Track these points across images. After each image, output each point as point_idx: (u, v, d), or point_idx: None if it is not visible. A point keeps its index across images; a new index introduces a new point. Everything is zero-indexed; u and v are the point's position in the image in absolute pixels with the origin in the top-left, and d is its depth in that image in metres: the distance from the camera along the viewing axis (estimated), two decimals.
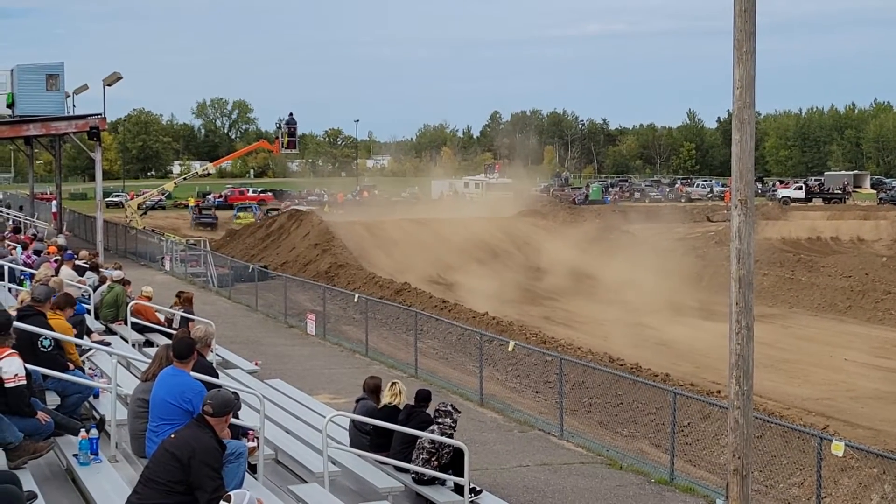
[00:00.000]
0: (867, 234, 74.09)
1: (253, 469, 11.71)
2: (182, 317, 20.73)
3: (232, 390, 11.53)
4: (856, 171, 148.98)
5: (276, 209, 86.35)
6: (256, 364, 21.16)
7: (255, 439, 11.90)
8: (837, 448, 14.84)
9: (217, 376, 13.14)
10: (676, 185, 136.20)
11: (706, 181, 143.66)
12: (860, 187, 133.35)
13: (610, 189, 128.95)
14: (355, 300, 34.32)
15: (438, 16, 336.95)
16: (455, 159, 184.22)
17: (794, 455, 18.37)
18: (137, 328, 20.67)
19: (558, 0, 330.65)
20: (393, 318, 34.03)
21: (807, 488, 17.07)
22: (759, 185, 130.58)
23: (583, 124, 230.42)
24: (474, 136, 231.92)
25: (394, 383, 14.89)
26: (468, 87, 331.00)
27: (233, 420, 11.31)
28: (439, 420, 13.72)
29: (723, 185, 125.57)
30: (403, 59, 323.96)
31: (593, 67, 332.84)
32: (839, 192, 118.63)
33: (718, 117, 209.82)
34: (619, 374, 24.23)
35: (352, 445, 14.35)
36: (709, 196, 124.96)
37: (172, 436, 9.39)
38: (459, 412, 14.31)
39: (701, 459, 20.36)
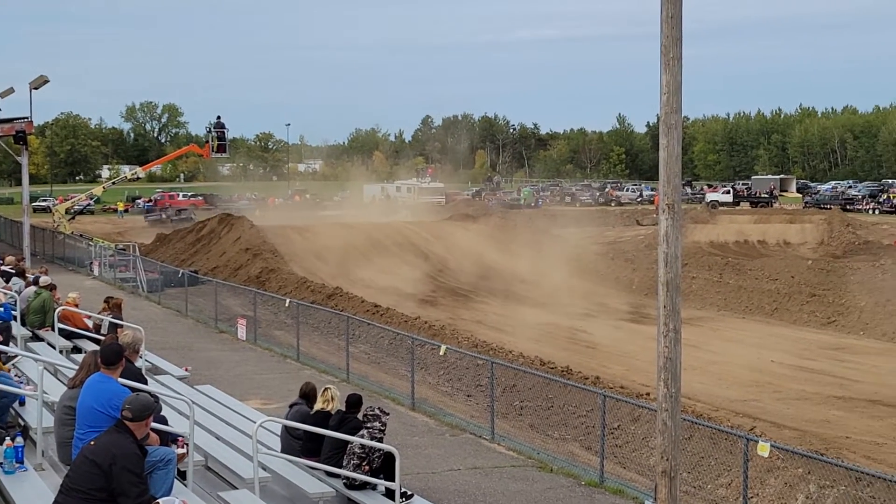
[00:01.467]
0: (793, 237, 74.99)
1: (182, 475, 11.63)
2: (111, 322, 20.52)
3: (152, 394, 11.45)
4: (782, 176, 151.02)
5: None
6: (186, 370, 20.98)
7: (185, 445, 11.81)
8: (763, 449, 15.04)
9: (146, 382, 13.04)
10: (607, 190, 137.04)
11: (636, 185, 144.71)
12: (786, 191, 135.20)
13: (541, 193, 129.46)
14: (286, 305, 34.16)
15: (370, 20, 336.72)
16: (387, 163, 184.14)
17: (722, 456, 18.57)
18: (65, 334, 20.42)
19: (490, 6, 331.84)
20: (325, 322, 33.92)
21: (734, 489, 17.27)
22: (688, 190, 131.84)
23: (514, 128, 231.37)
24: (406, 141, 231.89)
25: (326, 389, 14.85)
26: (400, 91, 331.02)
27: (162, 426, 11.24)
28: (368, 424, 13.72)
29: (652, 189, 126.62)
30: (335, 62, 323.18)
31: (525, 72, 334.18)
32: (766, 196, 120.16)
33: (648, 122, 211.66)
34: (550, 377, 24.33)
35: (283, 451, 14.30)
36: (638, 200, 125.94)
37: (92, 442, 9.26)
38: (388, 415, 14.30)
39: (631, 461, 20.51)
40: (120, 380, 10.90)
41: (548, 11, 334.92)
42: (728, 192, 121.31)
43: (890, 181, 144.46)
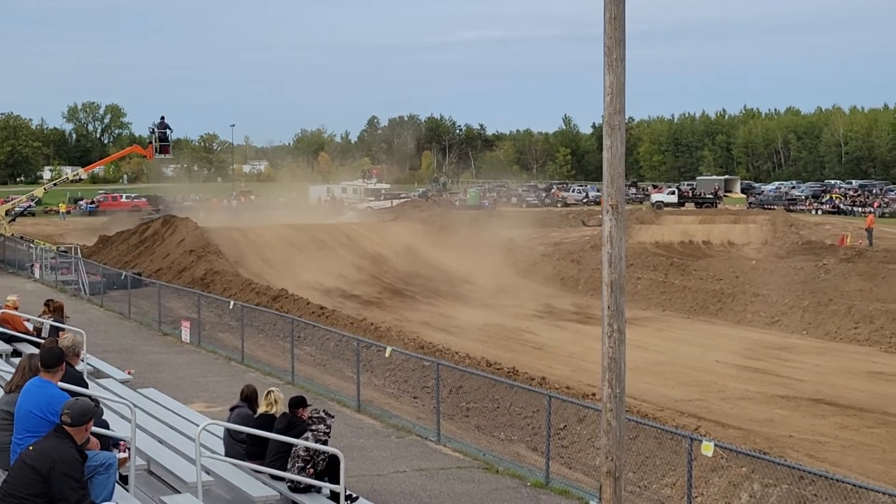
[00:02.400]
0: (737, 237, 75.67)
1: (124, 480, 11.49)
2: (52, 326, 20.26)
3: (93, 398, 11.30)
4: (727, 176, 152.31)
5: None
6: (129, 373, 20.75)
7: (126, 450, 11.67)
8: (707, 448, 15.12)
9: (87, 386, 12.88)
10: (553, 190, 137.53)
11: (582, 186, 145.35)
12: (731, 192, 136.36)
13: (488, 194, 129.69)
14: (231, 307, 33.98)
15: (315, 21, 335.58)
16: (333, 164, 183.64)
17: (667, 456, 18.65)
18: (4, 338, 20.14)
19: (436, 7, 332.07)
20: (270, 324, 33.76)
21: (679, 488, 17.34)
22: (633, 190, 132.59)
23: (460, 129, 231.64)
24: (352, 141, 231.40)
25: (269, 391, 14.76)
26: (346, 92, 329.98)
27: (102, 430, 11.09)
28: (313, 427, 13.64)
29: (598, 190, 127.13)
30: (280, 63, 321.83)
31: (471, 73, 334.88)
32: (711, 196, 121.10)
33: (593, 123, 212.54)
34: (496, 378, 24.34)
35: (227, 454, 14.18)
36: (584, 201, 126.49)
37: (30, 447, 9.14)
38: (333, 417, 14.23)
39: (577, 462, 20.55)
40: (60, 384, 10.74)
41: (493, 12, 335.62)
42: (673, 193, 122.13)
43: (832, 182, 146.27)
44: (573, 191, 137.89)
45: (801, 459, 20.01)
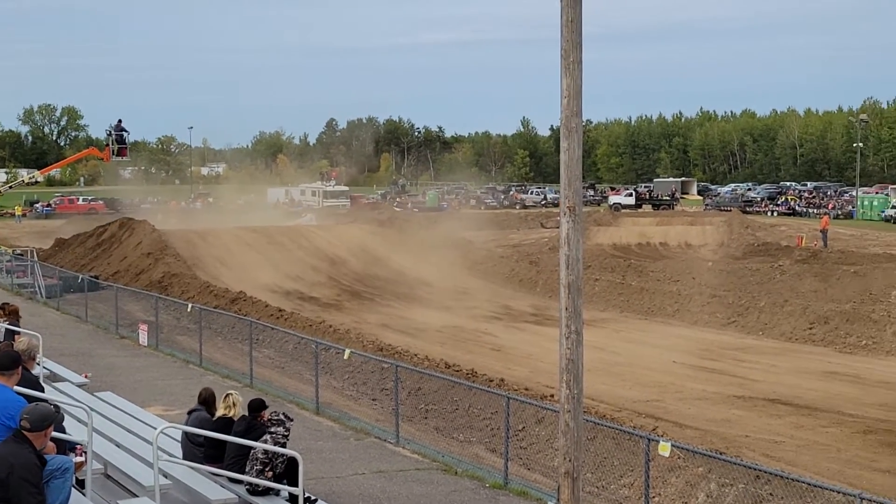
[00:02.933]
0: (694, 239, 76.09)
1: (81, 484, 11.44)
2: (7, 330, 20.09)
3: (53, 403, 11.24)
4: (683, 178, 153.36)
5: None
6: (86, 377, 20.67)
7: (83, 454, 11.61)
8: (664, 449, 15.22)
9: (43, 390, 12.79)
10: (511, 193, 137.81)
11: (540, 188, 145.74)
12: (687, 194, 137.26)
13: (446, 196, 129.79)
14: (189, 310, 33.84)
15: (273, 23, 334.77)
16: (291, 167, 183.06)
17: (625, 456, 18.73)
18: None
19: (396, 9, 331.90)
20: (228, 327, 33.65)
21: (637, 488, 17.43)
22: (591, 192, 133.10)
23: (419, 132, 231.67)
24: (311, 144, 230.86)
25: (228, 395, 14.73)
26: (304, 94, 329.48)
27: (59, 434, 11.02)
28: (272, 430, 13.63)
29: (556, 192, 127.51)
30: (238, 65, 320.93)
31: (430, 76, 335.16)
32: (668, 198, 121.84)
33: (551, 125, 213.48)
34: (454, 380, 24.37)
35: (185, 458, 14.13)
36: (543, 203, 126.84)
37: None
38: (292, 420, 14.22)
39: (535, 463, 20.60)
40: (16, 388, 10.68)
41: (453, 14, 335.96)
42: (630, 195, 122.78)
43: (788, 183, 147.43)
44: (531, 193, 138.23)
45: (757, 459, 20.16)
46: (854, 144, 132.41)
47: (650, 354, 35.16)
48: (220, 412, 14.46)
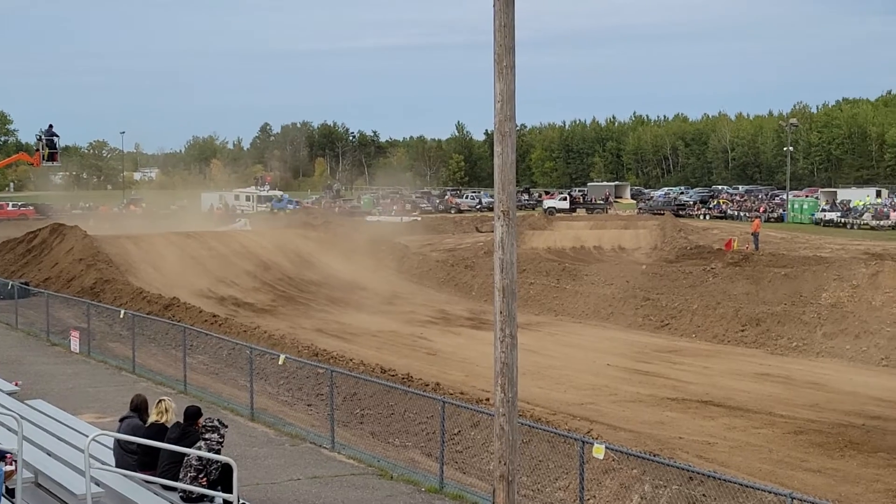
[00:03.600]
0: (628, 242, 76.65)
1: (11, 494, 11.31)
2: None
3: None
4: (617, 182, 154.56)
5: None
6: (16, 384, 20.40)
7: (13, 462, 11.48)
8: (598, 451, 15.33)
9: None
10: (446, 197, 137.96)
11: (475, 192, 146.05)
12: (621, 197, 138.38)
13: (381, 201, 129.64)
14: (121, 316, 33.57)
15: (207, 26, 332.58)
16: (225, 171, 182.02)
17: (560, 459, 18.82)
18: None
19: (329, 14, 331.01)
20: (162, 333, 33.40)
21: (572, 491, 17.52)
22: (526, 196, 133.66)
23: (353, 136, 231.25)
24: (245, 148, 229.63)
25: (161, 400, 14.62)
26: (238, 98, 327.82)
27: None
28: (206, 436, 13.54)
29: (491, 196, 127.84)
30: (171, 69, 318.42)
31: (364, 80, 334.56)
32: (602, 202, 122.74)
33: (486, 130, 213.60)
34: (390, 384, 24.37)
35: (118, 465, 14.01)
36: (478, 207, 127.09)
37: None
38: (227, 426, 14.14)
39: (471, 467, 20.64)
40: None
41: (387, 19, 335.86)
42: (565, 199, 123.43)
43: (719, 187, 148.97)
44: (466, 197, 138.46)
45: (690, 460, 20.34)
46: (784, 148, 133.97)
47: (584, 357, 35.35)
48: (152, 418, 14.34)
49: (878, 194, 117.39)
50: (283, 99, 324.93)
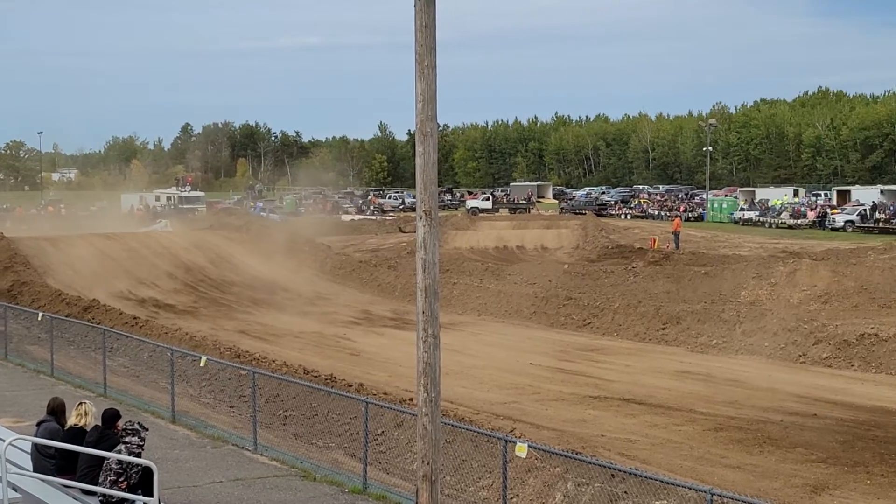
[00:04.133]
0: (550, 242, 77.11)
1: None
2: None
3: None
4: (539, 182, 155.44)
5: None
6: None
7: None
8: (521, 450, 15.39)
9: None
10: (369, 197, 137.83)
11: (398, 192, 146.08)
12: (543, 197, 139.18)
13: (304, 201, 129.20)
14: (39, 318, 33.11)
15: (126, 26, 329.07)
16: (146, 172, 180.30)
17: (484, 458, 18.86)
18: None
19: (252, 13, 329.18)
20: (81, 336, 32.96)
21: (496, 490, 17.56)
22: (449, 197, 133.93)
23: (276, 137, 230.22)
24: (165, 149, 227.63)
25: (80, 403, 14.45)
26: (159, 98, 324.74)
27: None
28: (126, 439, 13.40)
29: (414, 197, 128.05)
30: (90, 69, 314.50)
31: (286, 80, 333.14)
32: (524, 202, 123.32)
33: (409, 130, 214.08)
34: (313, 385, 24.26)
35: (35, 470, 13.81)
36: (401, 207, 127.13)
37: None
38: (147, 430, 14.01)
39: (395, 467, 20.62)
40: None
41: (310, 19, 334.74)
42: (488, 199, 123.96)
43: (640, 187, 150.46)
44: (389, 197, 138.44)
45: (612, 458, 20.47)
46: (704, 148, 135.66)
47: (508, 357, 35.45)
48: (72, 421, 14.16)
49: (796, 193, 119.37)
50: (204, 99, 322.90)
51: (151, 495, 12.73)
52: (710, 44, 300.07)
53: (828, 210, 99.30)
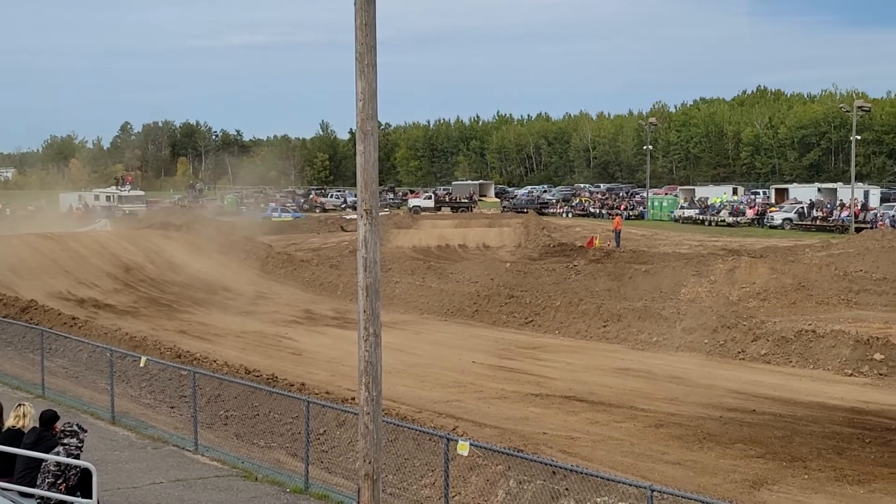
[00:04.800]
0: (492, 240, 77.35)
1: None
2: None
3: None
4: (481, 181, 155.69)
5: None
6: None
7: None
8: (462, 448, 15.44)
9: None
10: (311, 196, 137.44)
11: (340, 191, 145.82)
12: (485, 196, 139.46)
13: (245, 200, 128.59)
14: None
15: (65, 23, 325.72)
16: (85, 171, 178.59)
17: (426, 457, 18.89)
18: None
19: (192, 11, 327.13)
20: (19, 337, 32.61)
21: (438, 488, 17.59)
22: (391, 195, 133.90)
23: (216, 135, 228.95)
24: (105, 148, 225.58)
25: (19, 405, 14.32)
26: (98, 97, 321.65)
27: None
28: (65, 441, 13.29)
29: (356, 196, 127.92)
30: (28, 66, 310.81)
31: (226, 79, 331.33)
32: (466, 201, 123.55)
33: (350, 129, 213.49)
34: (254, 385, 24.17)
35: None
36: (343, 206, 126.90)
37: None
38: (86, 431, 13.89)
39: (337, 466, 20.59)
40: None
41: (249, 18, 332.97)
42: (430, 198, 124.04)
43: (582, 185, 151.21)
44: (331, 196, 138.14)
45: (554, 455, 20.57)
46: (644, 147, 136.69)
47: (450, 355, 35.49)
48: (9, 423, 14.02)
49: (735, 191, 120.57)
50: (144, 98, 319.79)
51: (90, 497, 12.63)
52: (652, 43, 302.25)
53: (766, 208, 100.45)
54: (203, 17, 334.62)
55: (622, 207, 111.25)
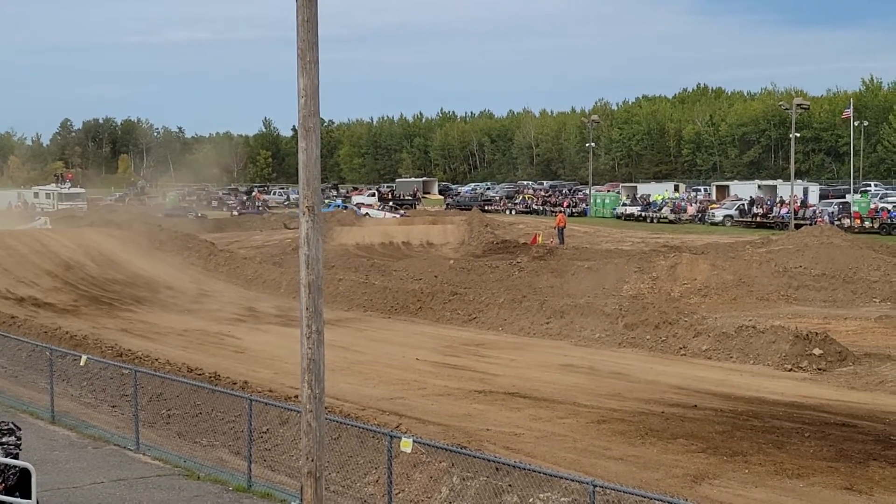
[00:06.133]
0: (436, 238, 77.39)
1: None
2: None
3: None
4: (425, 178, 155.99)
5: None
6: None
7: None
8: (406, 445, 15.46)
9: None
10: (254, 193, 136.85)
11: (283, 189, 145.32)
12: (429, 193, 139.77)
13: (188, 198, 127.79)
14: None
15: (2, 19, 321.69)
16: (24, 169, 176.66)
17: (370, 454, 18.89)
18: None
19: (133, 7, 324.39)
20: None
21: (381, 486, 17.59)
22: (334, 193, 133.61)
23: (158, 132, 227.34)
24: (44, 145, 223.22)
25: None
26: (37, 93, 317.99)
27: None
28: (2, 440, 13.13)
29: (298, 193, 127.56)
30: None
31: (167, 76, 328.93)
32: (410, 198, 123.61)
33: (293, 126, 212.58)
34: (197, 383, 24.05)
35: None
36: (286, 203, 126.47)
37: None
38: (20, 430, 13.74)
39: (280, 464, 20.53)
40: None
41: (190, 14, 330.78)
42: (373, 195, 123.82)
43: (525, 183, 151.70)
44: (274, 193, 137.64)
45: (497, 451, 20.61)
46: (586, 144, 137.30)
47: (394, 352, 35.47)
48: None
49: (676, 189, 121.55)
50: (84, 94, 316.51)
51: (30, 497, 12.49)
52: (594, 40, 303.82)
53: (707, 205, 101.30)
54: (141, 13, 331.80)
55: (565, 204, 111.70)
